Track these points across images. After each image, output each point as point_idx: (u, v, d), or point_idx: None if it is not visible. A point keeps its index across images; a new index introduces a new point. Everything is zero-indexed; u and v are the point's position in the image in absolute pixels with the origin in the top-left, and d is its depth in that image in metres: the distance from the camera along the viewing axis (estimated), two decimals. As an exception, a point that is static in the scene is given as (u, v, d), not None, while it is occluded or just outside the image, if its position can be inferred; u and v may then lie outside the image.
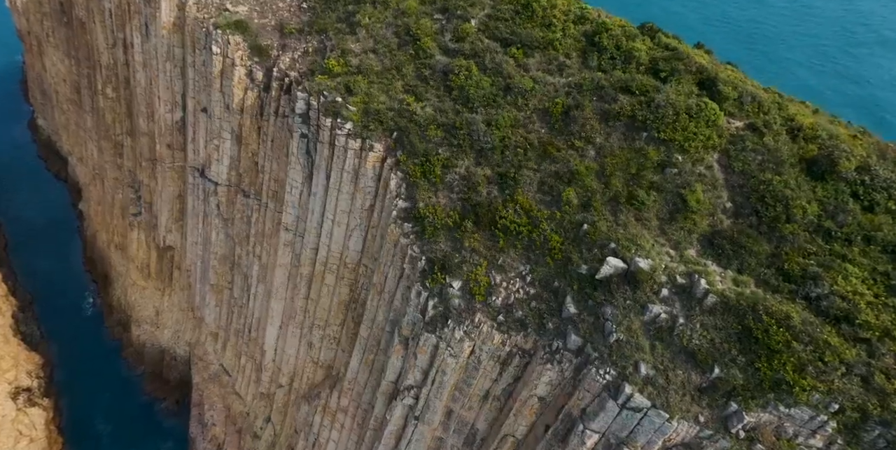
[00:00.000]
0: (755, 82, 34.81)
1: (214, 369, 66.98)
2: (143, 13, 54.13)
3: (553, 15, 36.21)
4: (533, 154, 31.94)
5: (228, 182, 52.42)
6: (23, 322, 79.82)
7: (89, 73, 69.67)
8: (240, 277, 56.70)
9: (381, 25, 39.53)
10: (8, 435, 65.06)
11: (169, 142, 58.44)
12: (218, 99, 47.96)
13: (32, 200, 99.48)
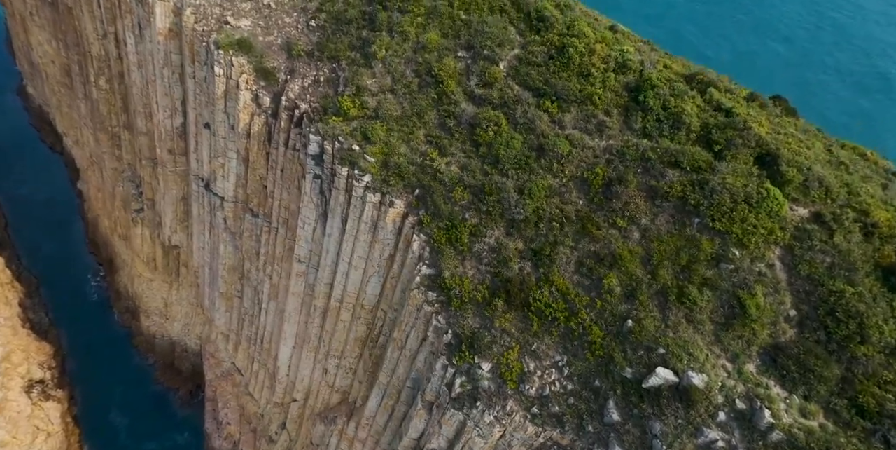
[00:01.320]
0: (818, 148, 31.69)
1: (226, 367, 66.97)
2: (136, 13, 50.31)
3: (591, 63, 32.85)
4: (570, 229, 29.78)
5: (235, 199, 50.34)
6: (30, 309, 79.29)
7: (80, 60, 65.78)
8: (250, 289, 55.53)
9: (399, 60, 36.30)
10: (25, 432, 65.76)
11: (170, 147, 55.77)
12: (222, 119, 45.19)
13: (28, 174, 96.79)
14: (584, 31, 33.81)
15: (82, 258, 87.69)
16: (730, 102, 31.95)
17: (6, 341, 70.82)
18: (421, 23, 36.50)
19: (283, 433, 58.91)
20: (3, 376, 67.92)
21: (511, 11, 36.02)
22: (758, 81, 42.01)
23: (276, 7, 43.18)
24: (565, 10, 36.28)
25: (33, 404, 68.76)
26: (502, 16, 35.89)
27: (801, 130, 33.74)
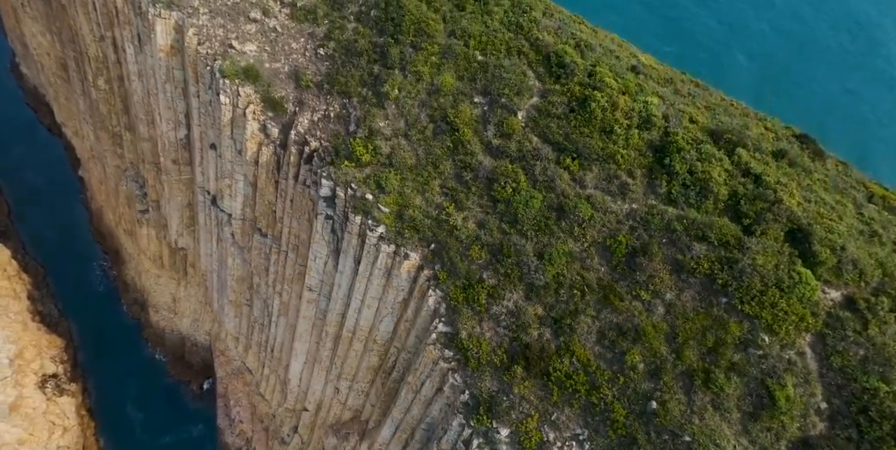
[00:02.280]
0: (849, 213, 30.72)
1: (237, 365, 67.85)
2: (135, 24, 48.40)
3: (614, 118, 31.67)
4: (591, 298, 29.40)
5: (243, 217, 49.79)
6: (39, 301, 79.70)
7: (76, 57, 63.76)
8: (259, 300, 55.62)
9: (412, 102, 35.08)
10: (42, 428, 67.18)
11: (174, 158, 54.79)
12: (228, 144, 44.17)
13: (28, 157, 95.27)
14: (606, 80, 32.49)
15: (87, 246, 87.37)
16: (759, 166, 30.92)
17: (17, 337, 71.46)
18: (435, 62, 35.11)
19: (295, 437, 60.20)
20: (17, 373, 68.85)
21: (529, 53, 34.57)
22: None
23: (283, 31, 41.48)
24: (586, 51, 34.80)
25: (48, 400, 69.97)
26: (520, 58, 34.47)
27: (831, 184, 32.77)
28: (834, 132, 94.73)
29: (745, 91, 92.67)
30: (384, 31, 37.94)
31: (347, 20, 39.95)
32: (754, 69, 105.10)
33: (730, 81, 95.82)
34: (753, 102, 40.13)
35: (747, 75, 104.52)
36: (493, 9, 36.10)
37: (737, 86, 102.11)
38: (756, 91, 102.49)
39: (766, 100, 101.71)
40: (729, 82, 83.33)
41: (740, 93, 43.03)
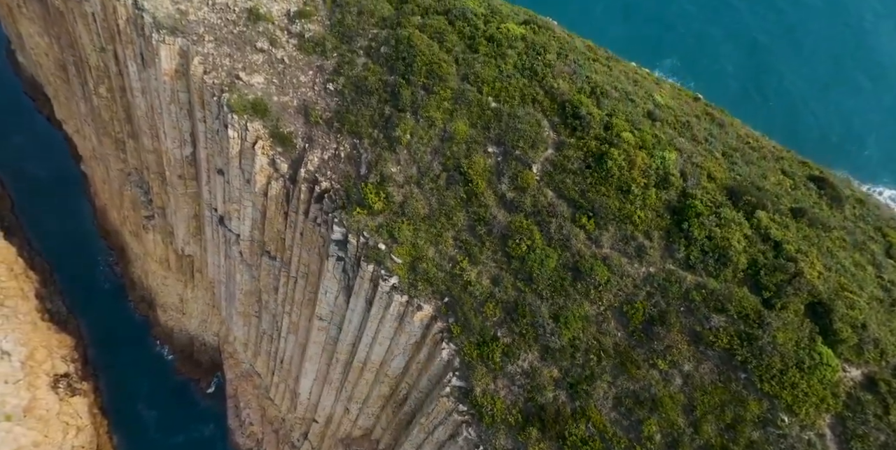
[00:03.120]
0: (870, 279, 30.38)
1: (246, 368, 68.78)
2: (138, 44, 47.29)
3: (631, 177, 31.22)
4: (608, 364, 29.55)
5: (251, 238, 49.70)
6: (47, 299, 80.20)
7: (76, 62, 62.48)
8: (268, 315, 55.99)
9: (424, 148, 34.59)
10: (56, 429, 68.55)
11: (180, 173, 54.37)
12: (237, 174, 43.78)
13: (28, 148, 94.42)
14: (623, 135, 31.94)
15: (92, 241, 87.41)
16: (778, 232, 30.60)
17: (28, 338, 72.23)
18: (448, 108, 34.46)
19: (305, 443, 61.47)
20: (30, 374, 69.85)
21: (544, 101, 33.89)
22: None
23: (290, 63, 40.57)
24: (601, 99, 34.09)
25: (61, 400, 71.19)
26: (534, 107, 33.80)
27: (850, 241, 32.43)
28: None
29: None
30: (395, 69, 37.12)
31: (357, 54, 39.05)
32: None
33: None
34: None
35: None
36: (506, 51, 35.23)
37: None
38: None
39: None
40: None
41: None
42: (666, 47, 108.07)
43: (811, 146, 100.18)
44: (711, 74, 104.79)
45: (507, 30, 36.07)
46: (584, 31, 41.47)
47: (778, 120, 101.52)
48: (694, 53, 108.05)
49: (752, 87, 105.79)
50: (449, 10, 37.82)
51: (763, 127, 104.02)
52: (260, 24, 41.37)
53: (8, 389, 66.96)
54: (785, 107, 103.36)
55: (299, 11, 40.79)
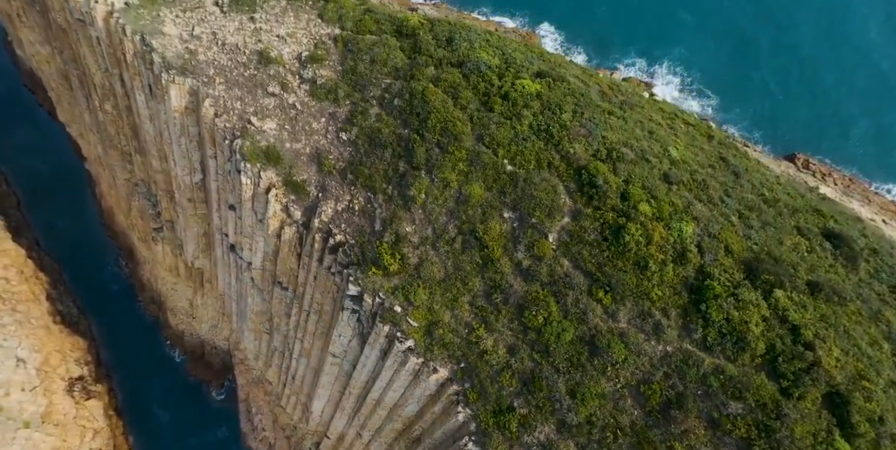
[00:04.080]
0: (886, 358, 30.79)
1: (257, 375, 70.10)
2: (145, 76, 46.71)
3: (649, 253, 31.37)
4: (624, 442, 30.21)
5: (263, 268, 50.07)
6: (58, 300, 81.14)
7: (80, 76, 61.66)
8: (280, 335, 56.82)
9: (440, 209, 34.65)
10: (74, 434, 70.46)
11: (189, 196, 54.47)
12: (249, 214, 43.91)
13: (30, 142, 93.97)
14: (640, 208, 31.97)
15: (100, 239, 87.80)
16: (796, 314, 30.86)
17: (42, 343, 73.48)
18: (463, 170, 34.39)
19: (316, 453, 63.22)
20: (45, 380, 71.35)
21: (560, 166, 33.78)
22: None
23: (302, 109, 40.21)
24: (617, 164, 33.95)
25: (77, 404, 72.91)
26: (550, 171, 33.70)
27: (866, 313, 32.68)
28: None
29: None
30: (408, 123, 36.87)
31: (370, 104, 38.69)
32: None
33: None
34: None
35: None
36: (521, 111, 34.92)
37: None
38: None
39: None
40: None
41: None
42: (673, 36, 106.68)
43: (824, 142, 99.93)
44: (719, 66, 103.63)
45: (523, 87, 35.67)
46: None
47: (792, 115, 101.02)
48: (703, 43, 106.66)
49: (771, 81, 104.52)
50: (463, 62, 37.30)
51: (768, 122, 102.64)
52: (271, 67, 40.85)
53: (25, 396, 68.50)
54: (802, 102, 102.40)
55: (311, 56, 40.20)
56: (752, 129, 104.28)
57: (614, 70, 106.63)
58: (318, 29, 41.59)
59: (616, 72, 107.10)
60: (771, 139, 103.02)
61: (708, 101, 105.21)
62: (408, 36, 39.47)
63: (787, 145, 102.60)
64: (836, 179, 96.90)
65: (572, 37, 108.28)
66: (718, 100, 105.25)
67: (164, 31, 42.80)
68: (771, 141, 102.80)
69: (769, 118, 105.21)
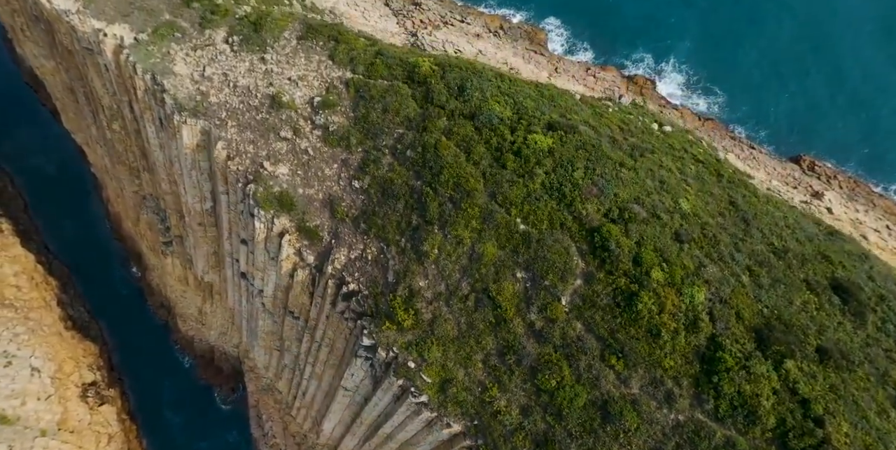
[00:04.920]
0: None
1: (267, 383, 71.51)
2: (156, 110, 46.73)
3: (661, 321, 31.96)
4: None
5: (274, 296, 50.74)
6: (69, 305, 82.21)
7: (86, 93, 61.40)
8: (291, 356, 57.84)
9: (453, 266, 35.16)
10: (89, 440, 72.29)
11: (200, 221, 54.91)
12: (262, 253, 44.46)
13: (33, 142, 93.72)
14: (653, 274, 32.48)
15: (108, 242, 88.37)
16: (806, 386, 31.50)
17: (55, 351, 74.81)
18: (476, 228, 34.81)
19: (327, 463, 64.87)
20: (60, 388, 72.89)
21: (573, 226, 34.17)
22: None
23: (315, 155, 40.38)
24: (629, 224, 34.30)
25: (91, 410, 74.59)
26: (563, 231, 34.09)
27: (875, 379, 33.30)
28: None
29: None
30: (421, 175, 37.13)
31: (382, 153, 38.87)
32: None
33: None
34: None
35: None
36: (534, 168, 35.15)
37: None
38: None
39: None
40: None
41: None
42: (681, 31, 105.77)
43: (830, 141, 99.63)
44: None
45: (535, 142, 35.81)
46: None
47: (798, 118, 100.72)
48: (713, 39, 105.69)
49: (779, 79, 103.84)
50: (475, 114, 37.37)
51: (774, 121, 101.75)
52: (283, 111, 40.88)
53: (41, 405, 70.09)
54: (809, 100, 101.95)
55: (323, 101, 40.18)
56: (757, 128, 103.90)
57: (622, 67, 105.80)
58: (329, 71, 41.46)
59: (623, 69, 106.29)
60: (776, 138, 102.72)
61: (715, 99, 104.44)
62: (419, 83, 39.40)
63: (792, 145, 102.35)
64: (841, 182, 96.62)
65: (578, 31, 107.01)
66: (725, 97, 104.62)
67: (175, 70, 42.68)
68: (776, 140, 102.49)
69: (775, 117, 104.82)
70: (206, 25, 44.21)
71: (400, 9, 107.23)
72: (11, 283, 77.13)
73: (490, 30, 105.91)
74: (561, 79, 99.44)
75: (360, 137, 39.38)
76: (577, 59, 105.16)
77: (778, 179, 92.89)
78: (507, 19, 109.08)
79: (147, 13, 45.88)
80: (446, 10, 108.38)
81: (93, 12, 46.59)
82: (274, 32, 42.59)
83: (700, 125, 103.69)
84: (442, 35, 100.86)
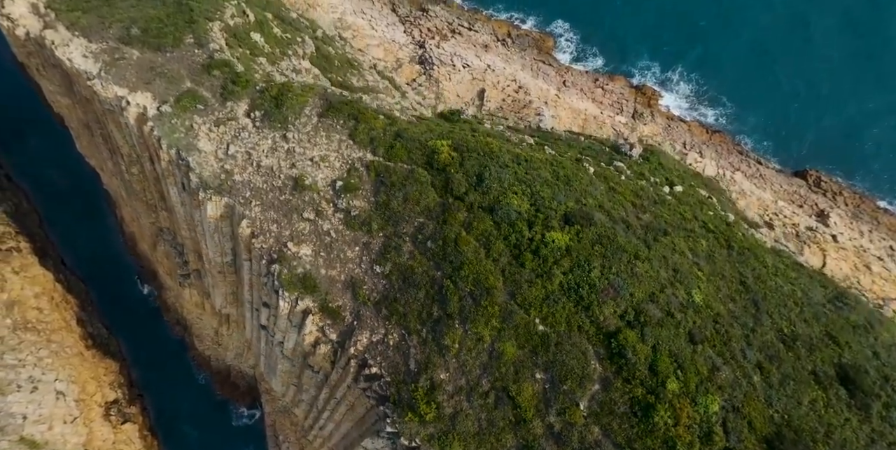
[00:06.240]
0: None
1: (284, 405, 74.04)
2: (178, 176, 47.72)
3: (677, 434, 33.62)
4: None
5: (294, 351, 52.48)
6: (88, 323, 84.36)
7: (104, 135, 62.03)
8: (308, 396, 59.95)
9: (473, 362, 36.74)
10: (113, 458, 75.23)
11: (220, 269, 56.26)
12: (284, 321, 45.95)
13: (44, 153, 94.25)
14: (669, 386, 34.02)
15: (123, 257, 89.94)
16: None
17: (77, 373, 77.25)
18: (496, 326, 36.24)
19: (343, 488, 67.77)
20: (84, 409, 75.57)
21: (590, 330, 35.61)
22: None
23: (337, 237, 41.56)
24: (645, 329, 35.72)
25: (114, 428, 77.48)
26: (581, 334, 35.54)
27: None
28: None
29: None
30: (441, 267, 38.39)
31: (403, 240, 40.05)
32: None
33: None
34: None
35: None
36: (552, 269, 36.39)
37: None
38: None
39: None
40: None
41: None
42: (689, 40, 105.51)
43: (837, 154, 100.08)
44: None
45: (552, 240, 36.97)
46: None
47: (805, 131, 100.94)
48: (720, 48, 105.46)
49: (787, 91, 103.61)
50: (493, 207, 38.40)
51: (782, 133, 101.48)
52: (306, 193, 41.88)
53: (67, 428, 72.82)
54: (816, 113, 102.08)
55: (344, 185, 41.16)
56: (764, 139, 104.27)
57: (629, 75, 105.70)
58: (349, 152, 42.31)
59: (631, 78, 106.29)
60: (783, 151, 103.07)
61: (723, 110, 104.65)
62: (439, 170, 40.29)
63: (800, 158, 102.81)
64: (846, 198, 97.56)
65: (587, 37, 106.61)
66: (733, 108, 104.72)
67: (200, 146, 43.53)
68: (783, 152, 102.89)
69: (783, 129, 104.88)
70: (227, 97, 44.82)
71: (407, 15, 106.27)
72: (33, 305, 79.07)
73: (498, 37, 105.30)
74: (569, 93, 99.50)
75: (382, 222, 40.51)
76: (586, 67, 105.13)
77: (784, 198, 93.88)
78: (515, 25, 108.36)
79: (168, 81, 46.45)
80: (454, 17, 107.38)
81: (115, 78, 47.17)
82: (295, 109, 43.25)
83: (708, 139, 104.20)
84: (450, 47, 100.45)
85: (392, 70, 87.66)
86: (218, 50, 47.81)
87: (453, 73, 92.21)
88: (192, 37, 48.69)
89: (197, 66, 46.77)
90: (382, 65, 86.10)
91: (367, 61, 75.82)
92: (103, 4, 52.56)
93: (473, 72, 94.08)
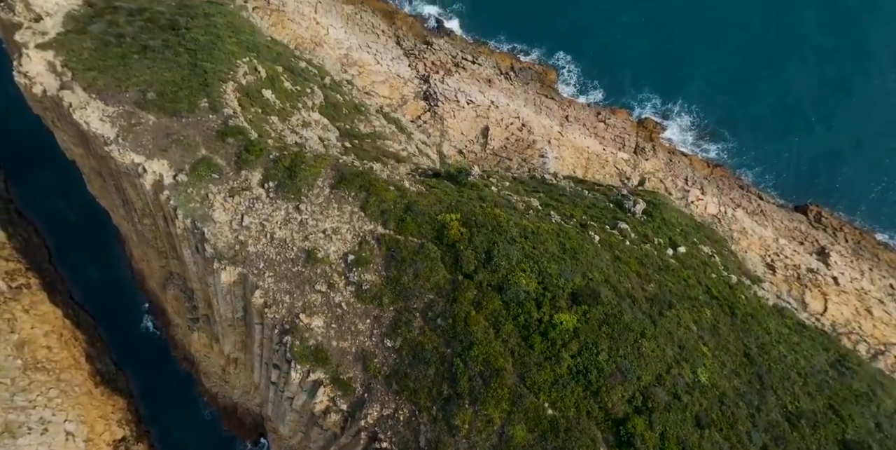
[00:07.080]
0: None
1: (291, 445, 74.79)
2: (192, 240, 48.67)
3: None
4: None
5: (303, 408, 53.31)
6: (96, 359, 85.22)
7: (116, 186, 63.01)
8: (317, 446, 60.77)
9: (483, 444, 37.58)
10: (122, 497, 76.04)
11: (231, 324, 57.13)
12: (296, 387, 46.77)
13: (53, 184, 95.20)
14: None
15: (131, 291, 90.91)
16: None
17: (86, 412, 78.11)
18: (505, 409, 37.10)
19: (349, 532, 68.53)
20: (93, 449, 76.34)
21: (599, 415, 36.47)
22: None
23: (348, 309, 42.46)
24: (653, 415, 36.62)
25: (122, 467, 78.22)
26: (589, 419, 36.40)
27: None
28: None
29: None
30: (451, 344, 39.28)
31: (413, 315, 40.94)
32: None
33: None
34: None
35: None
36: (560, 352, 37.28)
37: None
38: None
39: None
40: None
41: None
42: (689, 73, 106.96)
43: (838, 189, 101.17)
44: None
45: (560, 322, 37.89)
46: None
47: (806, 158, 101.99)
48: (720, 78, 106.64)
49: (782, 120, 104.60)
50: (502, 286, 39.31)
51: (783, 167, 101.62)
52: (318, 266, 42.80)
53: (76, 468, 73.64)
54: (817, 147, 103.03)
55: (356, 259, 42.08)
56: (766, 173, 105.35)
57: (630, 108, 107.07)
58: (361, 224, 43.26)
59: (632, 111, 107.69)
60: (784, 184, 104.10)
61: (725, 145, 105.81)
62: (448, 246, 41.23)
63: (800, 191, 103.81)
64: (847, 234, 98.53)
65: (588, 69, 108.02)
66: (735, 143, 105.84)
67: (214, 216, 44.47)
68: (784, 186, 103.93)
69: (784, 162, 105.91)
70: (242, 165, 45.81)
71: (412, 48, 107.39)
72: (42, 343, 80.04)
73: (501, 71, 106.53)
74: (572, 129, 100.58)
75: (392, 296, 41.41)
76: (587, 99, 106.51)
77: (785, 235, 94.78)
78: (518, 58, 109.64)
79: (184, 148, 47.44)
80: (457, 50, 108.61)
81: (132, 144, 48.19)
82: (308, 180, 44.22)
83: (709, 173, 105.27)
84: (454, 83, 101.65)
85: (397, 107, 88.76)
86: (232, 115, 48.81)
87: (457, 110, 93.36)
88: (207, 100, 49.69)
89: (212, 132, 47.77)
90: (388, 103, 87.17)
91: (373, 105, 76.86)
92: (119, 64, 53.60)
93: (477, 109, 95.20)
